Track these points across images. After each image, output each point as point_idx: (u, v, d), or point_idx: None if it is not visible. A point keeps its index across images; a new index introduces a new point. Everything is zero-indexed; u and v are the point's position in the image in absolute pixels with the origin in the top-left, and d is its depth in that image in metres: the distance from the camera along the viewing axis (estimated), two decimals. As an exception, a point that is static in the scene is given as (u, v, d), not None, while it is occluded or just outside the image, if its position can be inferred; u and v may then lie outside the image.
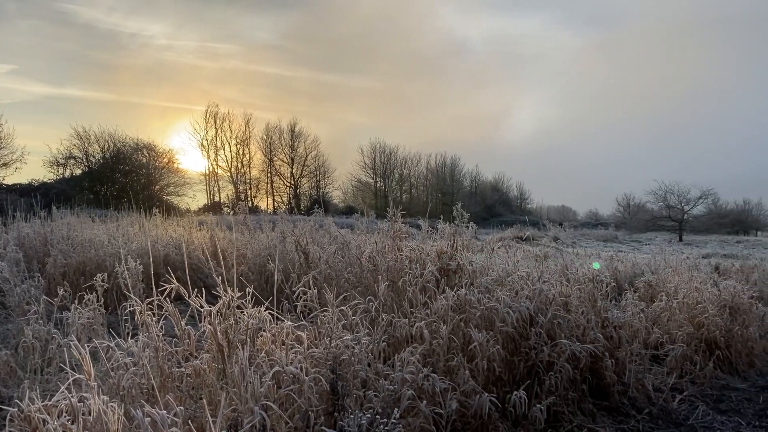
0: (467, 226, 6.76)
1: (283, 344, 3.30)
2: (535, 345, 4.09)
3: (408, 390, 3.15)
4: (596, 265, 6.76)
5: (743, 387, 5.58)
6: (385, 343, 3.76)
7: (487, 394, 3.41)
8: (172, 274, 3.27)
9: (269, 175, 63.57)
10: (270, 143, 62.92)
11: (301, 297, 3.94)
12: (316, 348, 3.35)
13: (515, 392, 3.56)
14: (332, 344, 3.30)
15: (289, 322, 3.40)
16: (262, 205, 60.02)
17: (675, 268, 8.04)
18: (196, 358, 3.27)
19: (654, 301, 6.62)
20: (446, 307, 3.92)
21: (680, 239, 44.46)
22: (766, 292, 9.62)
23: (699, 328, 5.86)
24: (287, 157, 63.89)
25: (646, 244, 29.49)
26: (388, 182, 72.16)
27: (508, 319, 3.99)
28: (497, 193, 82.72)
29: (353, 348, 3.34)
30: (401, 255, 5.30)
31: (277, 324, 3.42)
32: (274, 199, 63.43)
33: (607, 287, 5.42)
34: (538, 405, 3.61)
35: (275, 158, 63.44)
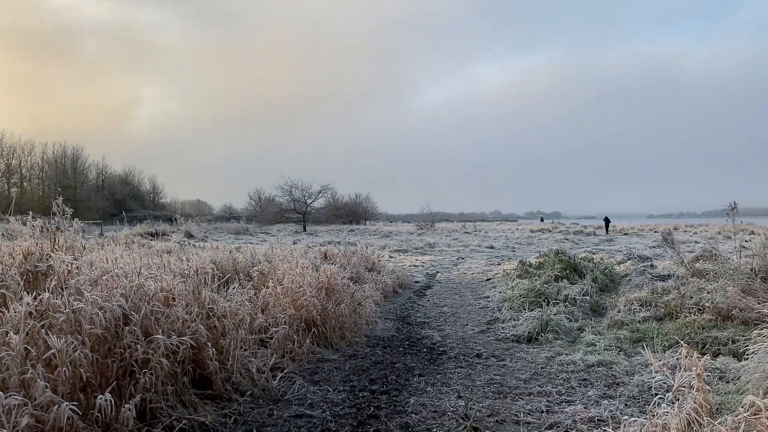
0: (71, 223, 6.21)
1: None
2: (130, 344, 3.94)
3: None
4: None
5: (335, 358, 6.35)
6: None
7: (67, 403, 3.14)
8: None
9: None
10: None
11: None
12: None
13: (101, 396, 3.37)
14: None
15: None
16: None
17: (284, 256, 8.71)
18: None
19: (266, 288, 7.05)
20: (22, 314, 3.49)
21: (304, 229, 48.66)
22: (362, 273, 11.15)
23: (299, 310, 6.46)
24: None
25: (273, 235, 31.36)
26: (-9, 174, 61.52)
27: (97, 320, 3.75)
28: (128, 187, 78.09)
29: None
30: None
31: None
32: None
33: (213, 278, 5.55)
34: (126, 405, 3.48)
35: None
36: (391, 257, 20.45)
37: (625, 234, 41.60)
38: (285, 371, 5.51)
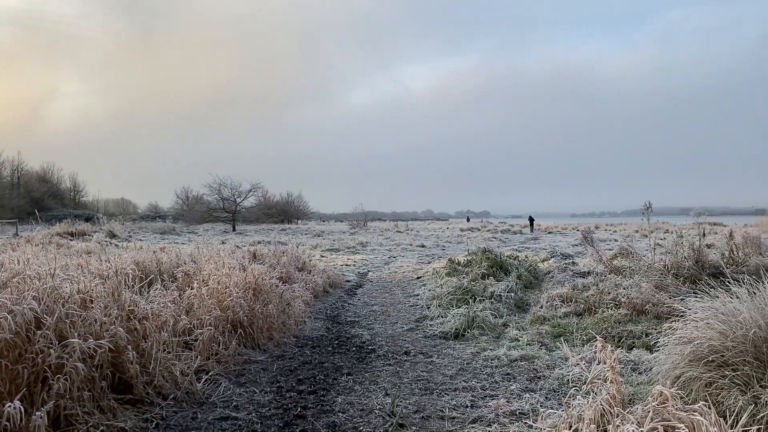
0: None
1: None
2: (43, 348, 3.76)
3: None
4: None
5: (262, 359, 6.27)
6: None
7: (-30, 414, 2.98)
8: None
9: None
10: None
11: None
12: None
13: (10, 403, 3.21)
14: None
15: None
16: None
17: (210, 256, 8.53)
18: None
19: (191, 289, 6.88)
20: None
21: (234, 229, 47.75)
22: (292, 272, 11.06)
23: (225, 311, 6.34)
24: None
25: (200, 235, 30.62)
26: None
27: (6, 324, 3.56)
28: (46, 185, 74.31)
29: None
30: None
31: None
32: None
33: (134, 280, 5.38)
34: (38, 413, 3.33)
35: None
36: (322, 256, 20.36)
37: (550, 233, 42.98)
38: (210, 373, 5.40)
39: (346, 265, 17.86)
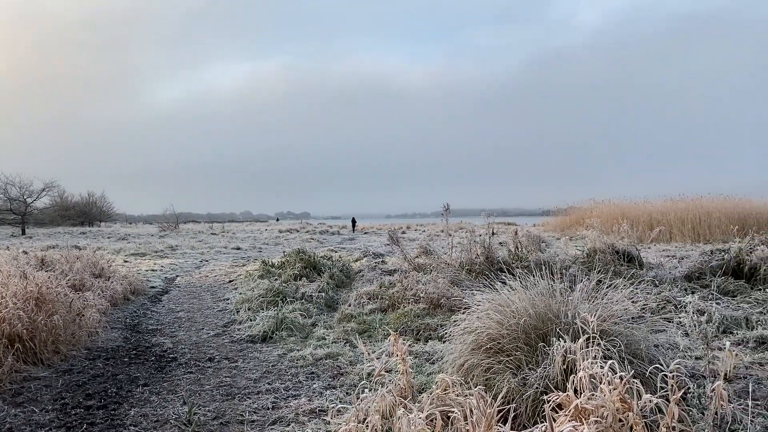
0: None
1: None
2: None
3: None
4: None
5: (45, 375, 5.70)
6: None
7: None
8: None
9: None
10: None
11: None
12: None
13: None
14: None
15: None
16: None
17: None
18: None
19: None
20: None
21: (23, 233, 42.72)
22: (87, 279, 10.22)
23: (0, 324, 5.66)
24: None
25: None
26: None
27: None
28: None
29: None
30: None
31: None
32: None
33: None
34: None
35: None
36: (126, 261, 18.98)
37: (366, 233, 44.40)
38: (-22, 395, 4.79)
39: (152, 270, 16.84)
